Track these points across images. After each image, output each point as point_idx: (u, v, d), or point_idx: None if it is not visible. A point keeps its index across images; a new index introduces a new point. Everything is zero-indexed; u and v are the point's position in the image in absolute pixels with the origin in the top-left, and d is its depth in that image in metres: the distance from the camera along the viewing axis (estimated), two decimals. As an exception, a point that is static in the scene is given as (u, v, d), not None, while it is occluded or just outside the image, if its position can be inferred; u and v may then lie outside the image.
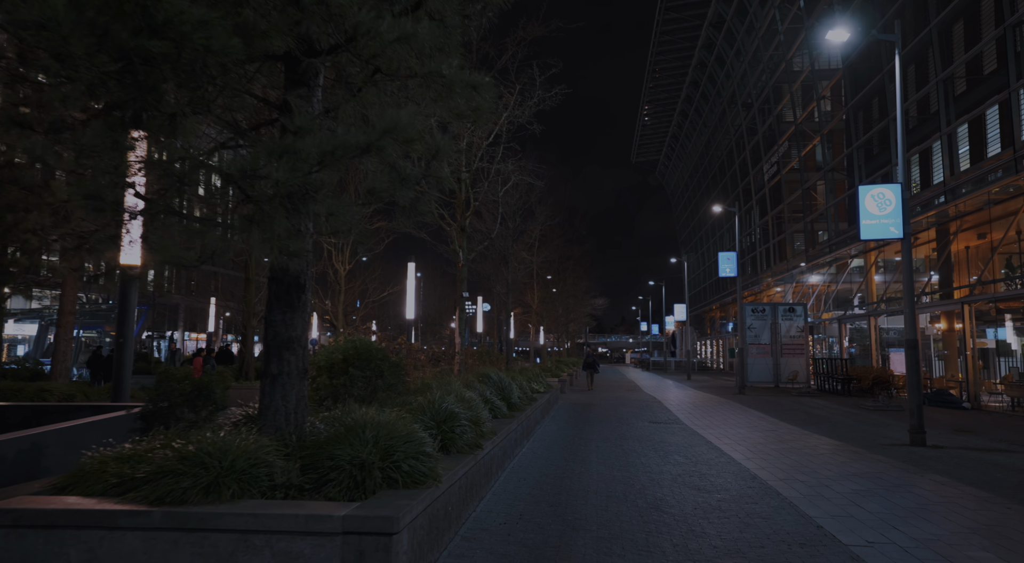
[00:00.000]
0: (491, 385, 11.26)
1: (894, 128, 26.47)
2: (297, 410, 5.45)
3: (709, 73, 56.39)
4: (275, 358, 5.40)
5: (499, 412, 9.95)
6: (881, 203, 11.80)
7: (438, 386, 8.30)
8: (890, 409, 19.23)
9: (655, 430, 13.89)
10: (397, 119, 4.70)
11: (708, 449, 11.02)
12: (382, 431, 5.04)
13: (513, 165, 14.08)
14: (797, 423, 15.26)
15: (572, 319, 54.76)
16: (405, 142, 4.55)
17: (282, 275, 5.45)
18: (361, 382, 7.49)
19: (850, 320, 31.62)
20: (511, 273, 22.35)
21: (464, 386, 9.82)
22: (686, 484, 7.96)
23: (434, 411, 6.58)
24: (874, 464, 9.44)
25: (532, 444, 11.42)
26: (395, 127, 4.64)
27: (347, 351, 7.47)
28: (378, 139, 4.39)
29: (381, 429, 5.05)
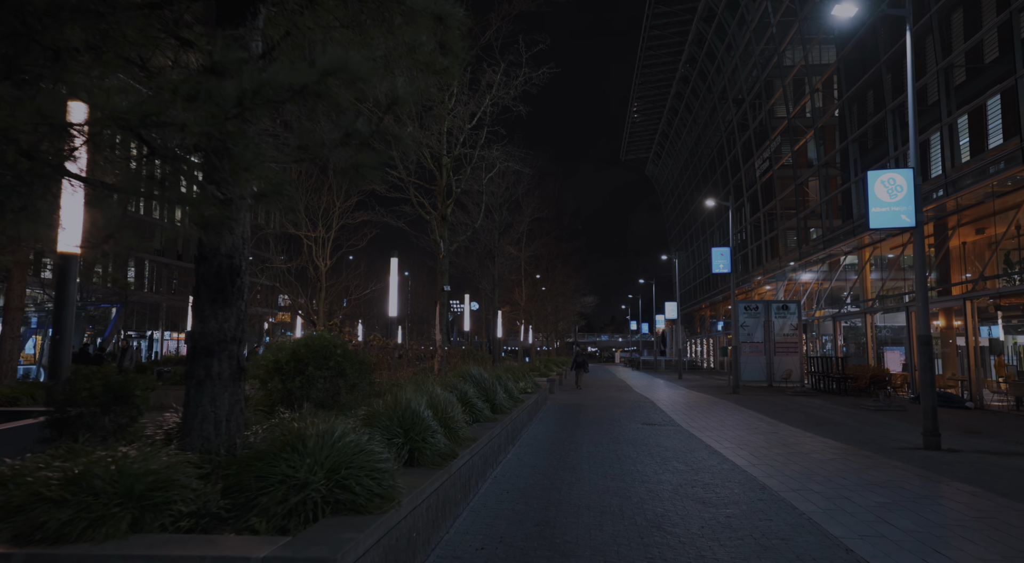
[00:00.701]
0: (473, 385, 10.36)
1: (891, 119, 25.85)
2: (230, 418, 4.53)
3: (699, 68, 55.75)
4: (202, 357, 4.48)
5: (481, 415, 9.05)
6: (892, 189, 11.02)
7: (413, 387, 7.40)
8: (891, 409, 18.52)
9: (649, 433, 13.04)
10: (344, 59, 3.78)
11: (708, 454, 10.18)
12: (328, 443, 4.13)
13: (499, 151, 13.21)
14: (798, 424, 14.47)
15: (561, 318, 53.94)
16: (352, 83, 3.63)
17: (211, 255, 4.53)
18: (320, 383, 6.57)
19: (845, 318, 30.98)
20: (497, 268, 21.46)
21: (443, 386, 8.91)
22: (689, 496, 7.10)
23: (401, 416, 5.67)
24: (891, 471, 8.63)
25: (518, 449, 10.53)
26: (341, 68, 3.73)
27: (300, 349, 6.55)
28: (317, 81, 3.48)
29: (327, 440, 4.14)
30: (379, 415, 5.62)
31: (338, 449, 4.12)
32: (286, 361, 6.59)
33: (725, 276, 57.77)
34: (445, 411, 6.77)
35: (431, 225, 12.20)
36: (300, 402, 6.51)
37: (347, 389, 6.93)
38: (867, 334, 27.90)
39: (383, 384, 8.27)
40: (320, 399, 6.70)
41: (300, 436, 4.12)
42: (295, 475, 3.82)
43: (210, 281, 4.51)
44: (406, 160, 11.97)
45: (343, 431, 4.39)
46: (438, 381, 9.16)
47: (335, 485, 3.91)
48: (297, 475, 3.82)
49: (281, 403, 6.58)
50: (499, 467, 8.80)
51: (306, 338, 6.70)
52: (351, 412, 6.10)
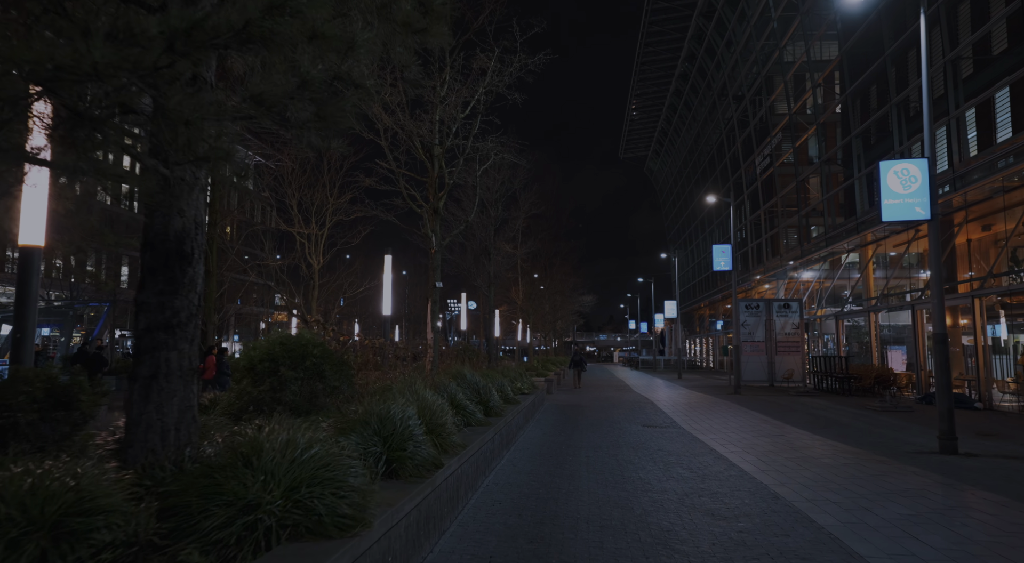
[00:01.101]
0: (465, 387, 9.81)
1: (896, 114, 25.32)
2: (180, 427, 3.97)
3: (699, 65, 55.20)
4: (148, 355, 3.92)
5: (473, 418, 8.51)
6: (905, 180, 10.49)
7: (400, 390, 6.85)
8: (898, 409, 18.00)
9: (651, 435, 12.50)
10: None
11: (714, 459, 9.63)
12: (288, 455, 3.58)
13: (493, 142, 12.65)
14: (804, 426, 13.94)
15: (559, 317, 53.37)
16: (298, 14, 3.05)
17: (158, 240, 3.97)
18: (295, 386, 6.01)
19: (848, 316, 30.46)
20: (493, 266, 20.88)
21: (432, 388, 8.36)
22: (697, 507, 6.55)
23: (380, 422, 5.12)
24: (910, 478, 8.09)
25: (513, 454, 9.99)
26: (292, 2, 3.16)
27: (273, 348, 6.00)
28: (262, 16, 2.90)
29: (287, 452, 3.59)
30: (355, 422, 5.07)
31: (300, 462, 3.57)
32: (259, 361, 6.04)
33: (724, 275, 57.30)
34: (432, 416, 6.22)
35: (423, 219, 11.65)
36: (273, 408, 5.96)
37: (326, 392, 6.38)
38: (870, 333, 27.38)
39: (368, 386, 7.73)
40: (296, 403, 6.15)
41: (255, 447, 3.56)
42: (245, 494, 3.27)
43: (157, 270, 3.96)
44: (395, 149, 11.45)
45: (308, 441, 3.84)
46: (428, 383, 8.61)
47: (294, 505, 3.36)
48: (247, 494, 3.27)
49: (254, 407, 6.03)
50: (492, 474, 8.26)
51: (281, 336, 6.15)
52: (328, 417, 5.55)
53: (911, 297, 25.56)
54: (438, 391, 8.34)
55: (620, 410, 18.23)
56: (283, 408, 5.99)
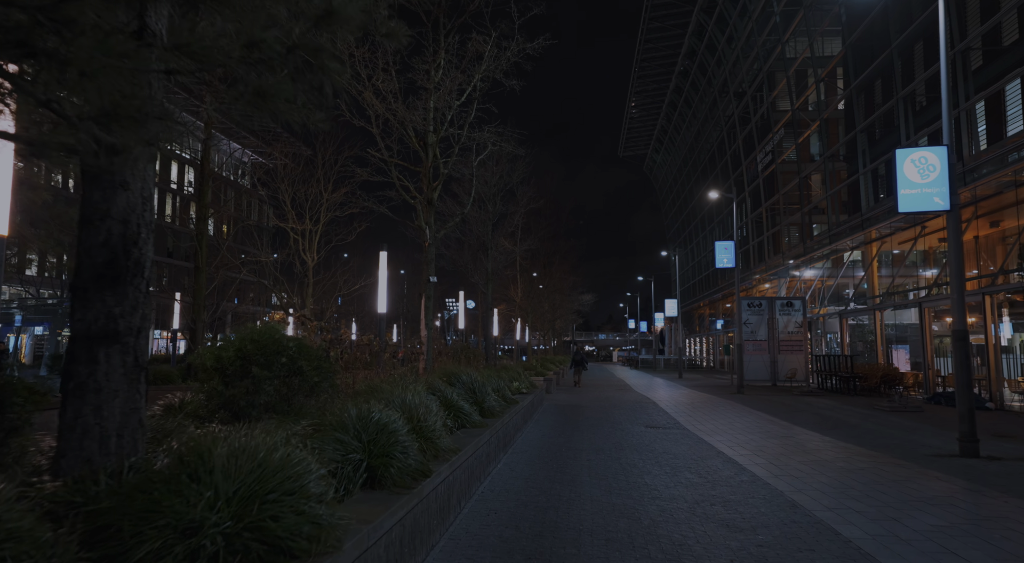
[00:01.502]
0: (460, 387, 9.28)
1: (902, 107, 24.81)
2: (123, 432, 3.44)
3: (699, 61, 54.69)
4: (84, 353, 3.39)
5: (468, 420, 7.97)
6: (923, 169, 9.98)
7: (388, 389, 6.33)
8: (908, 409, 17.48)
9: (654, 437, 11.98)
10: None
11: (723, 462, 9.11)
12: (243, 465, 3.05)
13: (491, 132, 12.12)
14: (813, 427, 13.42)
15: (559, 316, 52.88)
16: None
17: (97, 216, 3.44)
18: (269, 386, 5.48)
19: (852, 315, 29.95)
20: (491, 262, 20.33)
21: (425, 388, 7.84)
22: (709, 517, 6.03)
23: (361, 425, 4.59)
24: (934, 483, 7.58)
25: (510, 457, 9.46)
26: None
27: (246, 345, 5.46)
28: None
29: (244, 461, 3.06)
30: (332, 425, 4.54)
31: (256, 474, 3.04)
32: (230, 360, 5.50)
33: (725, 274, 56.82)
34: (421, 418, 5.69)
35: (416, 210, 11.12)
36: (246, 411, 5.44)
37: (305, 391, 5.85)
38: (876, 332, 26.87)
39: (355, 386, 7.20)
40: (272, 404, 5.62)
41: (202, 456, 3.03)
42: (187, 513, 2.74)
43: (95, 252, 3.42)
44: (387, 138, 10.91)
45: (269, 447, 3.31)
46: (421, 382, 8.09)
47: (246, 527, 2.83)
48: (190, 513, 2.74)
49: (226, 410, 5.50)
50: (487, 480, 7.73)
51: (253, 332, 5.62)
52: (305, 420, 5.02)
53: (917, 295, 25.06)
54: (430, 391, 7.82)
55: (621, 410, 17.72)
56: (258, 410, 5.47)
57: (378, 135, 10.73)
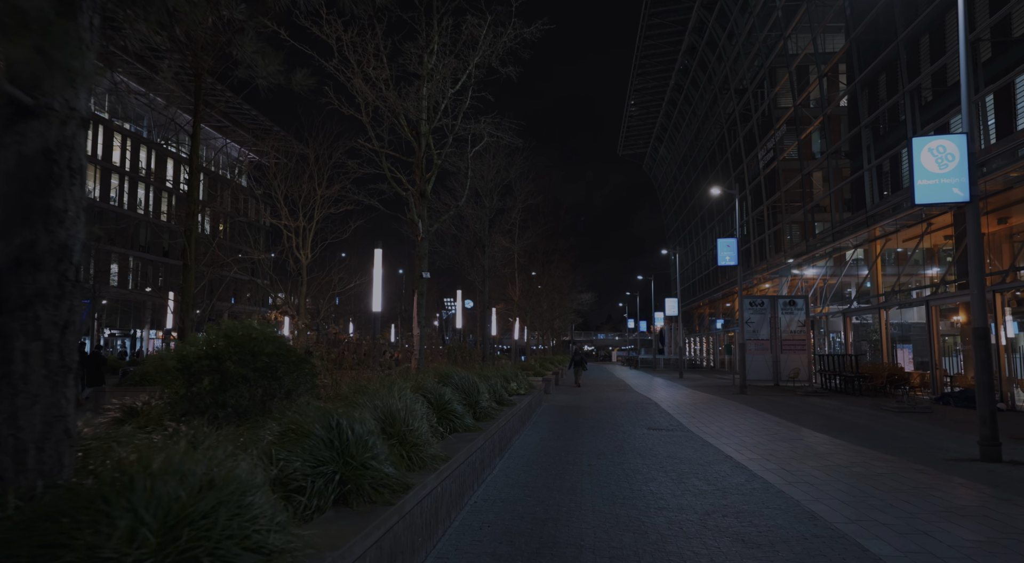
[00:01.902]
0: (453, 388, 8.77)
1: (909, 101, 24.31)
2: (44, 444, 2.92)
3: (700, 58, 54.18)
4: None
5: (461, 423, 7.46)
6: (941, 159, 9.48)
7: (373, 391, 5.82)
8: (917, 410, 16.99)
9: (658, 440, 11.47)
10: None
11: (731, 468, 8.60)
12: (177, 485, 2.53)
13: (488, 122, 11.59)
14: (821, 429, 12.93)
15: (557, 315, 52.36)
16: None
17: (10, 183, 2.92)
18: (244, 387, 4.96)
19: (856, 313, 29.46)
20: (488, 259, 19.82)
21: (414, 389, 7.33)
22: (723, 531, 5.51)
23: (335, 433, 4.07)
24: (960, 491, 7.07)
25: (506, 463, 8.95)
26: None
27: (216, 343, 4.94)
28: None
29: (175, 480, 2.54)
30: (303, 432, 4.02)
31: (193, 495, 2.52)
32: (197, 359, 4.98)
33: (725, 273, 56.34)
34: (406, 423, 5.17)
35: (408, 203, 10.60)
36: (215, 411, 4.92)
37: (281, 394, 5.33)
38: (881, 331, 26.38)
39: (339, 389, 6.68)
40: (245, 407, 5.10)
41: (129, 473, 2.51)
42: (99, 548, 2.22)
43: (8, 228, 2.90)
44: (377, 127, 10.38)
45: (216, 460, 2.80)
46: (412, 383, 7.58)
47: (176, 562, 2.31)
48: (103, 548, 2.22)
49: (191, 413, 4.98)
50: (481, 488, 7.22)
51: (227, 328, 5.10)
52: (277, 424, 4.51)
53: (923, 293, 24.57)
54: (420, 393, 7.31)
55: (622, 411, 17.22)
56: (227, 412, 4.95)
57: (368, 124, 10.22)
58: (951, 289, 23.41)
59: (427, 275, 10.45)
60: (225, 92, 19.55)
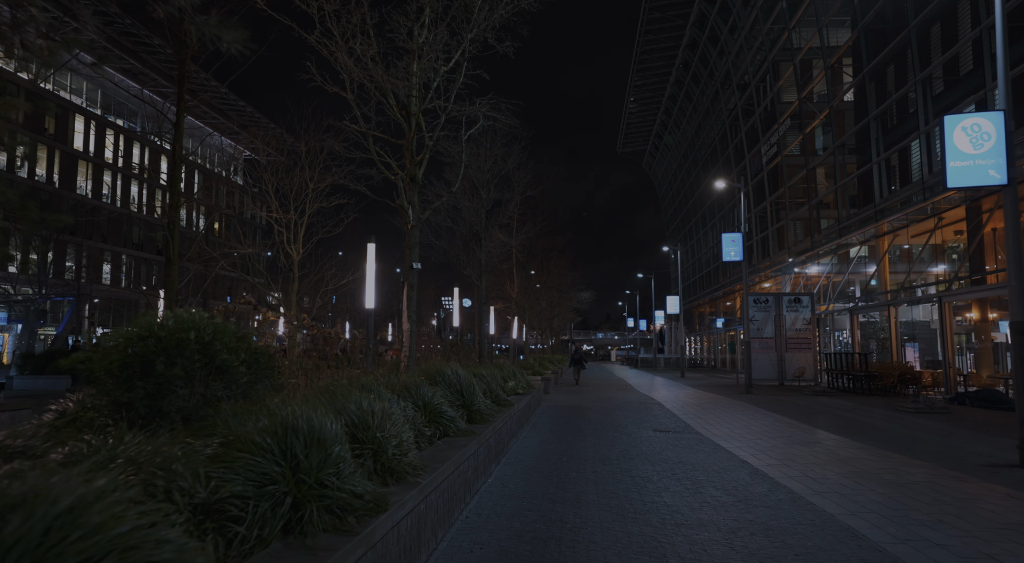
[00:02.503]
0: (445, 387, 7.99)
1: (921, 91, 23.55)
2: None
3: (701, 52, 53.41)
4: None
5: (451, 427, 6.68)
6: (976, 138, 8.71)
7: (348, 392, 5.04)
8: (934, 411, 16.23)
9: (666, 443, 10.70)
10: None
11: (750, 475, 7.83)
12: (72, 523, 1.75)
13: (484, 103, 10.82)
14: (837, 431, 12.16)
15: (556, 314, 51.57)
16: None
17: None
18: (183, 389, 4.18)
19: (863, 311, 28.71)
20: (484, 253, 19.02)
21: (400, 389, 6.56)
22: (754, 554, 4.74)
23: (284, 444, 3.28)
24: (1010, 503, 6.31)
25: (503, 470, 8.17)
26: None
27: (146, 336, 4.15)
28: None
29: (31, 523, 1.76)
30: (246, 443, 3.23)
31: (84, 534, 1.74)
32: (126, 355, 4.18)
33: (726, 271, 55.61)
34: (381, 428, 4.39)
35: (397, 188, 9.81)
36: (152, 418, 4.14)
37: (236, 393, 4.55)
38: (890, 329, 25.62)
39: (309, 387, 5.90)
40: (188, 411, 4.31)
41: None
42: None
43: None
44: (364, 105, 9.59)
45: (112, 486, 2.02)
46: (396, 383, 6.80)
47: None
48: None
49: (123, 420, 4.19)
50: (475, 500, 6.44)
51: (167, 318, 4.31)
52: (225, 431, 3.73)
53: (937, 289, 23.84)
54: (405, 393, 6.54)
55: (625, 412, 16.45)
56: (166, 419, 4.16)
57: (353, 101, 9.43)
58: (964, 284, 22.64)
59: (417, 266, 9.67)
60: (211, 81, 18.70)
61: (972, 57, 21.06)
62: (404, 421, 4.99)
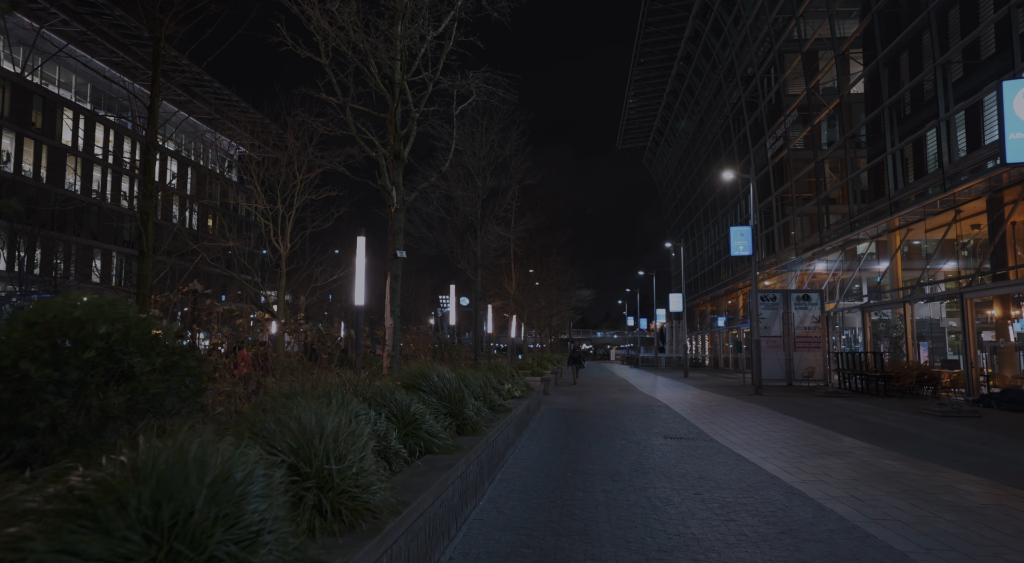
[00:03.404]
0: (430, 394, 6.87)
1: (940, 76, 22.43)
2: None
3: (703, 44, 52.25)
4: None
5: (435, 443, 5.55)
6: (1039, 106, 7.62)
7: (286, 409, 3.91)
8: (963, 414, 15.13)
9: (680, 453, 9.59)
10: None
11: (785, 495, 6.71)
12: None
13: (476, 77, 9.69)
14: (866, 438, 11.06)
15: (556, 312, 50.45)
16: None
17: None
18: (61, 399, 3.05)
19: (875, 309, 27.62)
20: (480, 245, 17.86)
21: (373, 397, 5.43)
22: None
23: (152, 506, 2.14)
24: (1114, 535, 5.19)
25: (498, 489, 7.05)
26: None
27: (11, 334, 3.03)
28: None
29: None
30: (143, 473, 2.11)
31: None
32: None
33: (728, 269, 54.51)
34: (332, 455, 3.27)
35: (380, 167, 8.68)
36: (10, 442, 3.02)
37: (143, 407, 3.42)
38: (906, 327, 24.52)
39: (254, 398, 4.79)
40: (76, 432, 3.19)
41: None
42: None
43: None
44: (341, 72, 8.45)
45: None
46: (370, 389, 5.68)
47: None
48: None
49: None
50: (462, 531, 5.31)
51: (30, 311, 3.19)
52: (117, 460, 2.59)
53: (959, 284, 22.73)
54: (382, 402, 5.42)
55: (631, 415, 15.34)
56: (30, 443, 3.04)
57: (328, 67, 8.30)
58: (985, 280, 21.53)
59: (402, 254, 8.54)
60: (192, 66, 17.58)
61: (995, 40, 19.94)
62: (372, 439, 3.87)
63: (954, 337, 28.38)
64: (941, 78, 22.10)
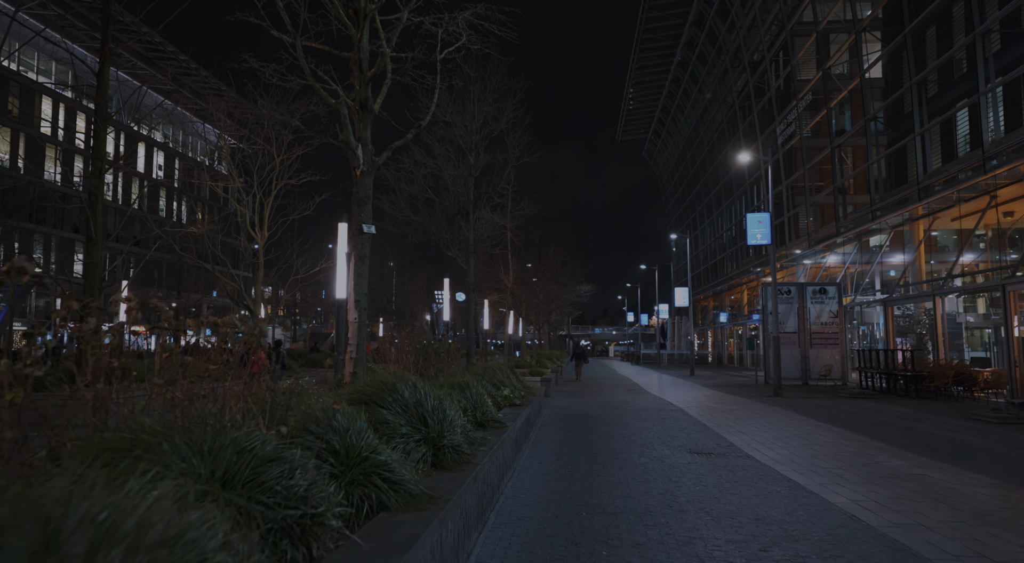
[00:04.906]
0: (398, 412, 5.00)
1: (981, 45, 20.52)
2: None
3: (708, 29, 50.30)
4: None
5: (393, 496, 3.67)
6: None
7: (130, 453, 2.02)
8: (1022, 421, 13.32)
9: (718, 477, 7.73)
10: None
11: (884, 549, 4.86)
12: None
13: (465, 19, 7.83)
14: (930, 454, 9.24)
15: (555, 308, 48.59)
16: None
17: None
18: None
19: (899, 302, 25.80)
20: (473, 231, 15.96)
21: (300, 426, 3.57)
22: None
23: None
24: None
25: (491, 538, 5.17)
26: None
27: None
28: None
29: None
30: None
31: None
32: None
33: (732, 263, 52.70)
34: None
35: (341, 118, 6.79)
36: None
37: None
38: (936, 322, 22.69)
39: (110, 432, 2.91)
40: None
41: None
42: None
43: None
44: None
45: None
46: (300, 411, 3.82)
47: None
48: None
49: None
50: (432, 638, 3.43)
51: None
52: None
53: (999, 275, 20.89)
54: (316, 431, 3.55)
55: (644, 422, 13.49)
56: None
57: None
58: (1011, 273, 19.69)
59: (370, 229, 6.67)
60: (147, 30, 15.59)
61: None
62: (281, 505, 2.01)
63: (979, 333, 26.50)
64: (981, 49, 20.21)
